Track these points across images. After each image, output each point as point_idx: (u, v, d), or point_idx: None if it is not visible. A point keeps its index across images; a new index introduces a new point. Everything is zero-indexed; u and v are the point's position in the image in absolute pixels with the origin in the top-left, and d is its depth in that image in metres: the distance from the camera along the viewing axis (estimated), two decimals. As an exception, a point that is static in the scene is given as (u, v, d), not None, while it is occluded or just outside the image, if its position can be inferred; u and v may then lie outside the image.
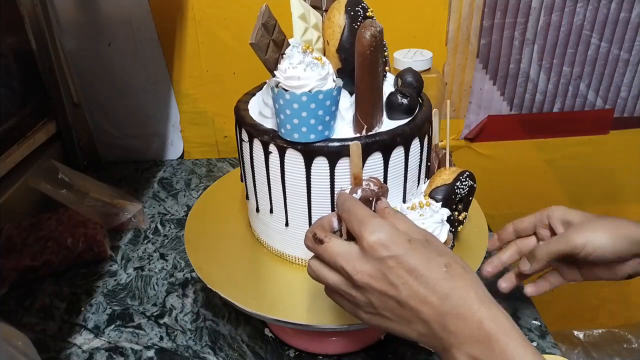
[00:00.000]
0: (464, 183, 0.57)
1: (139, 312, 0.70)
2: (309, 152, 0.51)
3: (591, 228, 0.56)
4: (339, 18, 0.52)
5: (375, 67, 0.49)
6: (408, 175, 0.55)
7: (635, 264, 0.57)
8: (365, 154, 0.51)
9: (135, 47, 0.98)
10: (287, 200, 0.55)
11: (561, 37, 1.01)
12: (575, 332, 1.25)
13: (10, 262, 0.74)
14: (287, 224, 0.57)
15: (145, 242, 0.85)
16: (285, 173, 0.53)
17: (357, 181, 0.51)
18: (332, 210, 0.53)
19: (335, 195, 0.52)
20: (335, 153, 0.51)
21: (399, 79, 0.56)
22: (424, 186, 0.59)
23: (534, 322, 0.67)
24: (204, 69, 1.01)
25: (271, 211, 0.57)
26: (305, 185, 0.53)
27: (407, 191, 0.57)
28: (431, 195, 0.56)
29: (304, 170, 0.52)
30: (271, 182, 0.55)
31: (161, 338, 0.66)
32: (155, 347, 0.65)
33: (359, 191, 0.50)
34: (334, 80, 0.50)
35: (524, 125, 1.11)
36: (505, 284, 0.63)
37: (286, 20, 0.53)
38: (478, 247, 0.61)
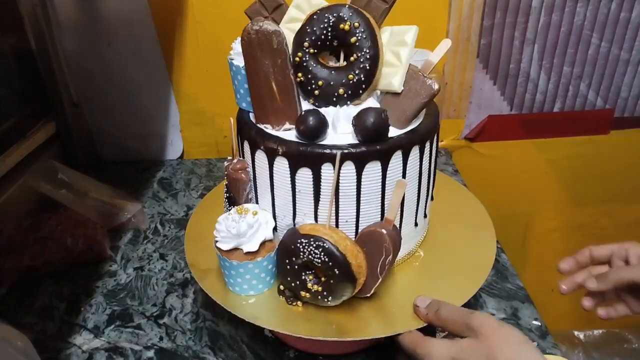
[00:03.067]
0: (313, 250, 0.50)
1: (139, 312, 0.70)
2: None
3: None
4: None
5: (250, 62, 0.52)
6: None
7: None
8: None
9: (135, 47, 0.98)
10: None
11: (561, 37, 1.01)
12: (576, 332, 1.26)
13: (10, 262, 0.74)
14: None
15: (145, 242, 0.85)
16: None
17: (233, 156, 0.59)
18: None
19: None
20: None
21: (357, 116, 0.50)
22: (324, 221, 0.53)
23: (535, 322, 0.67)
24: (203, 69, 1.01)
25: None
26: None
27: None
28: (288, 230, 0.53)
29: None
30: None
31: (161, 338, 0.66)
32: (155, 347, 0.65)
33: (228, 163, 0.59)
34: None
35: (524, 125, 1.11)
36: (566, 286, 0.64)
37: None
38: (481, 263, 0.60)
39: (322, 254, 0.49)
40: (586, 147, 1.14)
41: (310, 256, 0.50)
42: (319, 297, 0.52)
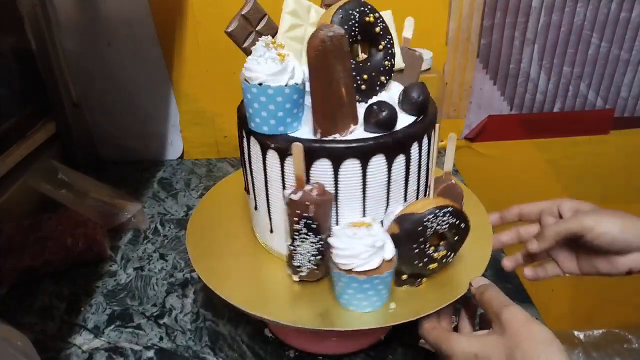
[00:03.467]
0: (441, 218, 0.51)
1: (139, 312, 0.70)
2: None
3: (601, 213, 0.57)
4: (327, 19, 0.52)
5: (325, 72, 0.48)
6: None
7: (638, 258, 0.57)
8: (310, 159, 0.50)
9: (135, 47, 0.98)
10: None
11: (561, 37, 1.01)
12: (576, 332, 1.26)
13: (10, 262, 0.74)
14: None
15: (145, 242, 0.85)
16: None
17: (299, 183, 0.50)
18: (387, 204, 0.54)
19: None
20: (284, 149, 0.51)
21: (403, 92, 0.55)
22: (400, 207, 0.54)
23: (534, 322, 0.67)
24: (204, 69, 1.01)
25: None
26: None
27: (389, 204, 0.55)
28: (398, 220, 0.52)
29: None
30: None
31: (161, 338, 0.66)
32: (155, 347, 0.65)
33: (299, 193, 0.49)
34: (293, 78, 0.49)
35: (524, 125, 1.11)
36: (509, 262, 0.64)
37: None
38: (481, 253, 0.60)
39: (450, 217, 0.52)
40: (586, 147, 1.14)
41: (438, 227, 0.52)
42: (444, 260, 0.55)
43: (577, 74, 1.05)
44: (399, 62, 0.59)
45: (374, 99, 0.55)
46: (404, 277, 0.55)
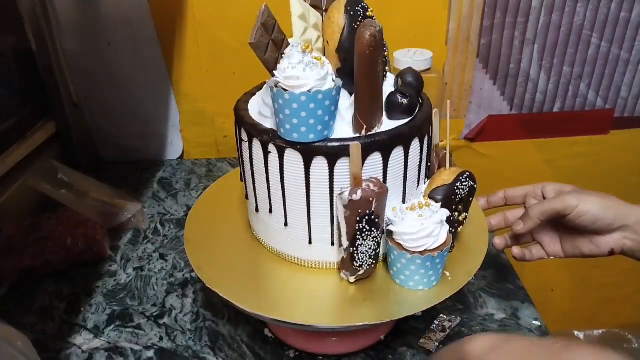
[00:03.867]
0: (464, 183, 0.57)
1: (139, 312, 0.70)
2: (308, 152, 0.51)
3: (584, 193, 0.60)
4: (338, 18, 0.52)
5: (374, 67, 0.49)
6: (408, 175, 0.55)
7: (620, 238, 0.59)
8: (365, 154, 0.51)
9: (135, 47, 0.98)
10: (286, 200, 0.55)
11: (561, 37, 1.01)
12: (576, 332, 1.25)
13: (10, 262, 0.74)
14: (286, 224, 0.57)
15: (145, 242, 0.85)
16: (285, 173, 0.53)
17: (357, 182, 0.51)
18: (332, 210, 0.54)
19: (335, 195, 0.52)
20: (334, 153, 0.50)
21: (399, 79, 0.56)
22: (423, 186, 0.59)
23: (534, 322, 0.67)
24: (204, 69, 1.01)
25: (270, 211, 0.57)
26: (305, 185, 0.53)
27: (406, 191, 0.57)
28: (431, 195, 0.55)
29: (303, 170, 0.52)
30: (270, 182, 0.55)
31: (161, 338, 0.66)
32: (155, 347, 0.65)
33: (359, 192, 0.50)
34: (333, 80, 0.50)
35: (524, 125, 1.11)
36: (499, 241, 0.67)
37: (286, 20, 0.53)
38: (478, 247, 0.61)
39: (469, 180, 0.57)
40: (586, 147, 1.14)
41: (462, 191, 0.57)
42: (464, 221, 0.60)
43: (577, 74, 1.05)
44: None
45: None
46: None
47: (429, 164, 0.61)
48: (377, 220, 0.52)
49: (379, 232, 0.53)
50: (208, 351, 0.64)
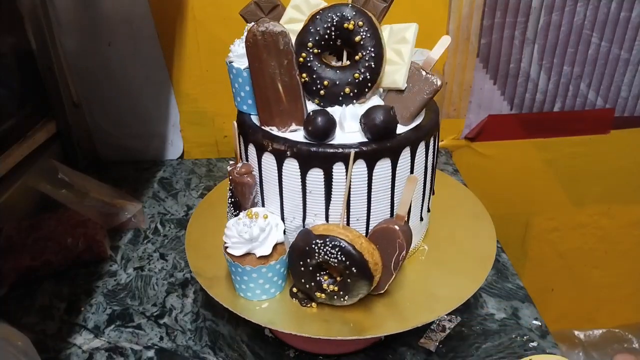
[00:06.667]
0: (330, 250, 0.49)
1: (139, 312, 0.70)
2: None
3: None
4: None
5: (256, 65, 0.50)
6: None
7: None
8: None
9: (135, 47, 0.98)
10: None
11: (561, 36, 1.01)
12: (576, 332, 1.26)
13: (10, 262, 0.74)
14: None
15: (145, 242, 0.85)
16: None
17: (237, 160, 0.56)
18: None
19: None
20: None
21: (366, 114, 0.51)
22: (320, 221, 0.54)
23: (535, 322, 0.67)
24: (204, 69, 1.01)
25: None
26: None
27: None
28: (300, 231, 0.53)
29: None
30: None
31: (161, 338, 0.66)
32: (155, 347, 0.65)
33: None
34: None
35: (524, 125, 1.11)
36: None
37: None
38: (485, 253, 0.60)
39: (339, 253, 0.49)
40: (586, 147, 1.14)
41: (326, 256, 0.50)
42: (335, 297, 0.52)
43: (577, 73, 1.05)
44: (397, 81, 0.53)
45: (339, 109, 0.53)
46: (295, 290, 0.56)
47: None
48: (236, 200, 0.57)
49: None
50: (208, 351, 0.64)
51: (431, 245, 0.63)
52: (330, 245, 0.49)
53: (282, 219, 0.56)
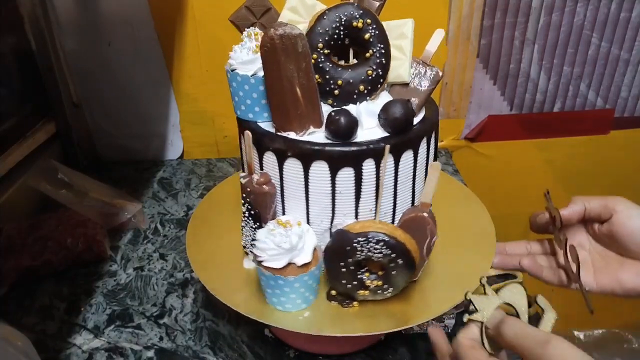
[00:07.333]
0: (373, 245, 0.49)
1: (139, 312, 0.70)
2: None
3: (634, 206, 0.57)
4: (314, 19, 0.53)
5: (273, 69, 0.49)
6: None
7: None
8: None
9: (135, 47, 0.98)
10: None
11: (561, 37, 1.01)
12: (576, 332, 1.25)
13: (10, 262, 0.74)
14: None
15: (145, 242, 0.85)
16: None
17: (250, 170, 0.54)
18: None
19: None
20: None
21: (382, 109, 0.52)
22: (350, 220, 0.53)
23: (534, 322, 0.67)
24: (204, 69, 1.01)
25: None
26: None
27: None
28: (333, 233, 0.52)
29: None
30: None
31: (161, 338, 0.66)
32: (155, 347, 0.65)
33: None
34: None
35: (524, 125, 1.11)
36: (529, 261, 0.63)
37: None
38: (485, 252, 0.61)
39: (384, 247, 0.49)
40: (586, 147, 1.14)
41: (369, 253, 0.50)
42: (379, 291, 0.52)
43: (577, 74, 1.05)
44: (402, 75, 0.55)
45: (353, 107, 0.53)
46: (333, 292, 0.55)
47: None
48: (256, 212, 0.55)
49: None
50: (208, 351, 0.64)
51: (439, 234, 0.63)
52: (374, 241, 0.49)
53: (307, 223, 0.55)
